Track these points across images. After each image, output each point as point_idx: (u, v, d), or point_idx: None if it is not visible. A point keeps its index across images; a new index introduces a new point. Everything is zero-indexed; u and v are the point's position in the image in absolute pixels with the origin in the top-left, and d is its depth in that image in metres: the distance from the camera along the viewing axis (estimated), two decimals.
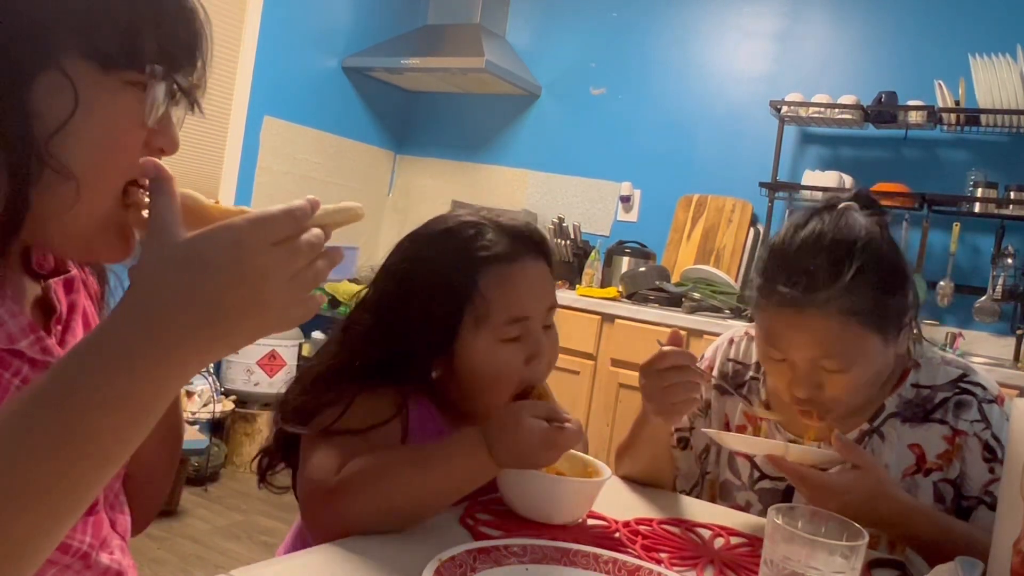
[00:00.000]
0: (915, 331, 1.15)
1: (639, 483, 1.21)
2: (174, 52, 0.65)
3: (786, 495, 1.19)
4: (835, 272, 1.04)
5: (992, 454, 1.11)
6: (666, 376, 1.03)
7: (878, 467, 1.04)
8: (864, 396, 1.13)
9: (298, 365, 3.71)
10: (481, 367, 0.97)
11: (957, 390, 1.15)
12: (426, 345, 0.97)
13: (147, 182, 0.62)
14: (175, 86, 0.65)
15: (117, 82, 0.62)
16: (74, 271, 0.76)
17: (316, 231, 0.57)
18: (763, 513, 0.78)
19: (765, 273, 1.09)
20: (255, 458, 1.04)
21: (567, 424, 0.88)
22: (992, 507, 1.07)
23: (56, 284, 0.74)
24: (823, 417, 1.11)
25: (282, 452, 1.01)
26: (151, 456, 0.84)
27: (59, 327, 0.72)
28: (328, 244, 0.58)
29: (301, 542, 1.00)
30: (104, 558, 0.73)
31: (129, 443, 0.54)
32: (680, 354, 1.03)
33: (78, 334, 0.75)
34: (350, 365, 0.98)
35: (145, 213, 0.64)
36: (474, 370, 0.97)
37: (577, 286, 3.49)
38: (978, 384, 1.15)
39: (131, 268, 0.56)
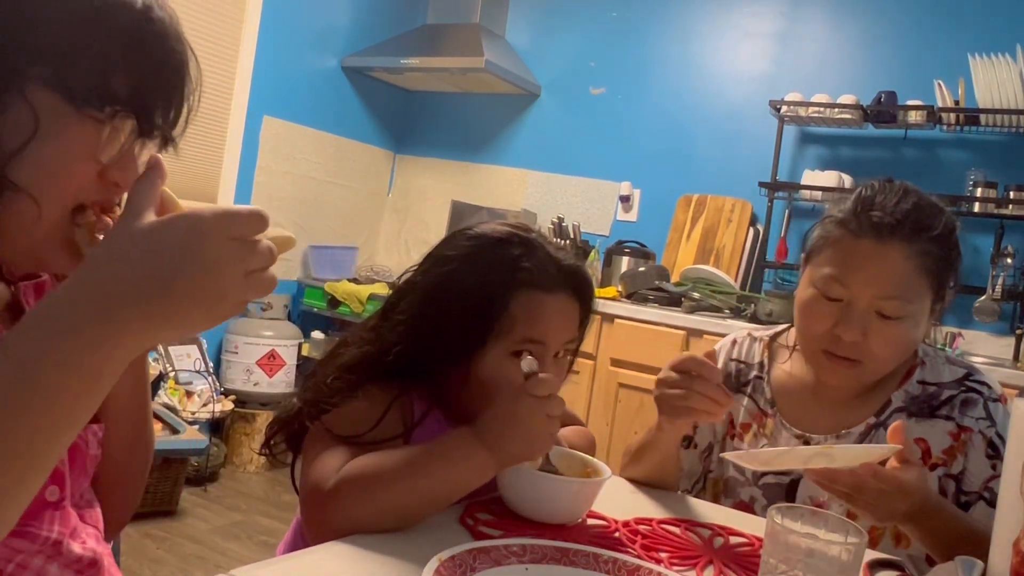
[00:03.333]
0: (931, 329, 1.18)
1: (642, 484, 1.21)
2: (149, 95, 0.66)
3: (790, 489, 1.19)
4: (928, 220, 1.09)
5: (995, 451, 1.12)
6: (677, 380, 1.03)
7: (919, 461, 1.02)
8: (893, 364, 1.15)
9: (298, 365, 3.71)
10: (487, 376, 0.98)
11: (963, 388, 1.16)
12: (455, 347, 0.99)
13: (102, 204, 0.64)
14: (147, 125, 0.66)
15: (80, 115, 0.63)
16: (45, 275, 0.77)
17: (271, 243, 0.58)
18: (767, 508, 0.78)
19: (856, 206, 1.12)
20: (270, 424, 1.04)
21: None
22: (990, 503, 1.09)
23: (26, 288, 0.75)
24: (851, 367, 1.12)
25: (290, 440, 1.02)
26: (121, 456, 0.85)
27: None
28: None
29: (301, 540, 1.00)
30: (76, 547, 0.74)
31: (82, 408, 0.55)
32: (705, 366, 1.02)
33: None
34: (379, 358, 0.99)
35: (102, 236, 0.65)
36: (483, 379, 0.99)
37: None
38: (983, 383, 1.17)
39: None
